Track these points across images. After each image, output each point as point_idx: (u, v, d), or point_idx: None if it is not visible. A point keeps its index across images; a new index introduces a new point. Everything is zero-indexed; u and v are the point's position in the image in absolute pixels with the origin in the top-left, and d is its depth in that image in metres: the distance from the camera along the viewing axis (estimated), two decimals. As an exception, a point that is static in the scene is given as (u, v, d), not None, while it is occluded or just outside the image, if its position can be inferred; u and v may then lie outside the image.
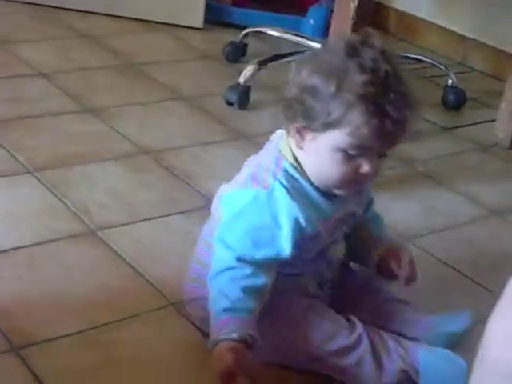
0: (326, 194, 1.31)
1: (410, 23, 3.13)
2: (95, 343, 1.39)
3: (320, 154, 1.26)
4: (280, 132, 1.37)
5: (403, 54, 2.76)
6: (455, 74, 2.61)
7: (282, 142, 1.34)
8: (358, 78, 1.20)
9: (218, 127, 2.25)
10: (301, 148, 1.29)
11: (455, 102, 2.57)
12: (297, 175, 1.30)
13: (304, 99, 1.24)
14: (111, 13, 2.96)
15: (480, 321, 1.52)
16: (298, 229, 1.28)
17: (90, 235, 1.69)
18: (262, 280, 1.27)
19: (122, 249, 1.65)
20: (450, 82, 2.58)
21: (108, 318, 1.45)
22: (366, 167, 1.26)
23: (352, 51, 1.23)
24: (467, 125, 2.48)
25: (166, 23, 2.96)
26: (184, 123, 2.26)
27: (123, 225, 1.74)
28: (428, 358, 1.32)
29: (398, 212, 1.90)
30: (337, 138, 1.23)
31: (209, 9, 2.96)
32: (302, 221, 1.28)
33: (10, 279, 1.53)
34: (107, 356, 1.36)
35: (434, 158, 2.25)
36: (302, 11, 2.98)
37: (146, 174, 1.96)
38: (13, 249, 1.61)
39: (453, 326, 1.42)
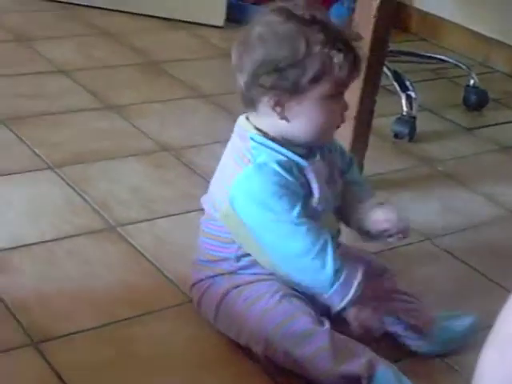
0: (295, 151, 1.36)
1: (432, 23, 3.12)
2: (113, 338, 1.39)
3: (309, 112, 1.33)
4: (238, 120, 1.42)
5: (425, 54, 2.76)
6: (477, 74, 2.60)
7: (238, 122, 1.41)
8: (313, 32, 1.29)
9: (239, 125, 2.25)
10: (285, 119, 1.33)
11: (477, 102, 2.56)
12: (263, 140, 1.35)
13: (280, 71, 1.29)
14: (133, 11, 2.97)
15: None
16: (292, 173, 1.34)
17: (110, 231, 1.69)
18: (323, 230, 1.33)
19: (142, 245, 1.66)
20: (471, 82, 2.57)
21: (126, 313, 1.46)
22: (345, 104, 1.36)
23: (288, 15, 1.32)
24: (488, 125, 2.47)
25: (187, 21, 2.97)
26: (204, 121, 2.26)
27: (143, 221, 1.74)
28: (385, 373, 1.30)
29: (418, 211, 1.90)
30: (323, 87, 1.31)
31: (230, 7, 2.96)
32: (291, 165, 1.34)
33: (30, 274, 1.53)
34: (125, 351, 1.37)
35: (455, 158, 2.24)
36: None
37: (166, 170, 1.96)
38: (33, 244, 1.62)
39: (457, 324, 1.46)
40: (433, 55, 2.75)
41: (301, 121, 1.34)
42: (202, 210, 1.81)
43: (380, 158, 2.09)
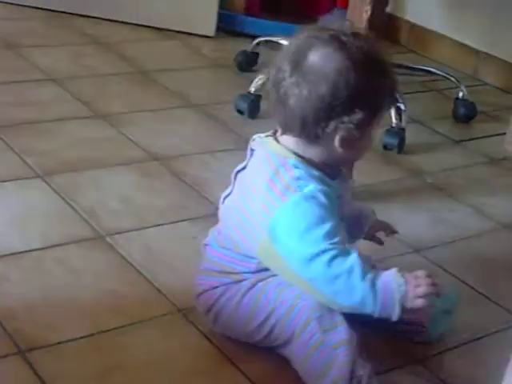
0: (331, 175, 1.37)
1: (421, 35, 3.13)
2: (102, 348, 1.39)
3: (364, 141, 1.35)
4: (261, 140, 1.40)
5: (415, 66, 2.77)
6: (466, 87, 2.61)
7: (270, 146, 1.37)
8: (373, 69, 1.31)
9: (228, 135, 2.25)
10: (344, 149, 1.32)
11: (466, 114, 2.57)
12: (307, 168, 1.33)
13: (347, 108, 1.28)
14: (125, 20, 2.97)
15: (486, 334, 1.54)
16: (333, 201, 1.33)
17: (99, 240, 1.69)
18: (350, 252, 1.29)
19: (131, 254, 1.65)
20: (460, 94, 2.58)
21: (115, 323, 1.45)
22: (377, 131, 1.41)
23: (348, 51, 1.30)
24: (477, 138, 2.48)
25: (178, 31, 2.97)
26: (194, 131, 2.26)
27: (132, 230, 1.74)
28: None
29: (408, 223, 1.90)
30: (380, 119, 1.35)
31: (221, 18, 2.97)
32: (331, 193, 1.33)
33: (18, 283, 1.53)
34: (113, 361, 1.36)
35: (444, 170, 2.24)
36: (314, 21, 2.98)
37: (156, 180, 1.96)
38: (21, 252, 1.61)
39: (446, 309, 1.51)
40: (422, 67, 2.75)
41: (355, 149, 1.35)
42: (191, 219, 1.82)
43: (369, 170, 2.09)
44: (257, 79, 2.38)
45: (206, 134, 2.25)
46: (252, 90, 2.37)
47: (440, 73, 2.69)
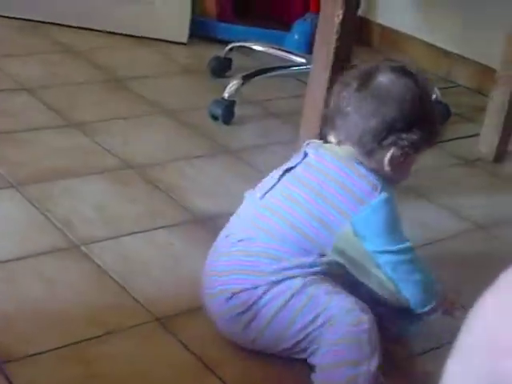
0: None
1: (393, 38, 3.14)
2: (78, 358, 1.38)
3: (408, 166, 1.49)
4: (318, 145, 1.48)
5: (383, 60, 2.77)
6: (439, 88, 2.62)
7: (337, 150, 1.45)
8: (429, 98, 1.52)
9: (203, 142, 2.25)
10: (392, 169, 1.44)
11: (439, 116, 2.57)
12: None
13: (408, 131, 1.42)
14: (96, 27, 2.96)
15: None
16: None
17: (74, 250, 1.68)
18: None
19: (106, 263, 1.64)
20: (433, 96, 2.59)
21: (91, 333, 1.44)
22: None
23: (415, 80, 1.45)
24: (451, 139, 2.49)
25: (151, 38, 2.96)
26: (169, 137, 2.26)
27: (107, 239, 1.73)
28: None
29: (383, 226, 1.90)
30: (427, 148, 1.48)
31: (194, 24, 2.96)
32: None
33: (-7, 294, 1.52)
34: (89, 371, 1.35)
35: (418, 172, 2.24)
36: (287, 26, 2.99)
37: (131, 188, 1.95)
38: (-5, 263, 1.60)
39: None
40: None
41: (399, 171, 1.46)
42: (167, 226, 1.81)
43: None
44: (230, 85, 2.38)
45: (181, 140, 2.24)
46: (226, 95, 2.37)
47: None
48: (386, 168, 1.43)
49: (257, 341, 1.41)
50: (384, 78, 1.43)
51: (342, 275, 1.43)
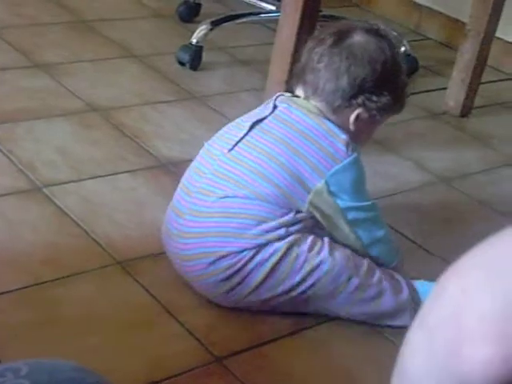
0: None
1: (365, -11, 3.12)
2: (36, 300, 1.37)
3: (370, 131, 1.53)
4: (288, 98, 1.46)
5: (357, 20, 2.75)
6: (409, 41, 2.61)
7: (306, 106, 1.45)
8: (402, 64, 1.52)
9: (169, 87, 2.23)
10: (353, 129, 1.45)
11: (407, 69, 2.56)
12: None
13: (377, 93, 1.44)
14: (63, -32, 2.90)
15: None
16: None
17: (36, 192, 1.66)
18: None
19: (68, 206, 1.63)
20: (403, 49, 2.58)
21: (52, 275, 1.44)
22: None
23: (389, 43, 1.48)
24: (418, 92, 2.49)
25: (119, -20, 2.92)
26: (134, 82, 2.23)
27: (69, 182, 1.72)
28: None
29: (347, 176, 1.90)
30: (391, 113, 1.54)
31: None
32: None
33: (-48, 234, 1.50)
34: (48, 313, 1.35)
35: (384, 125, 2.24)
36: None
37: (94, 131, 1.93)
38: (-45, 203, 1.59)
39: None
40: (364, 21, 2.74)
41: (361, 132, 1.48)
42: (130, 171, 1.80)
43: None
44: (199, 30, 2.36)
45: (147, 85, 2.22)
46: (194, 41, 2.34)
47: (383, 27, 2.68)
48: (351, 127, 1.45)
49: (239, 303, 1.41)
50: (359, 38, 1.44)
51: (317, 232, 1.43)
